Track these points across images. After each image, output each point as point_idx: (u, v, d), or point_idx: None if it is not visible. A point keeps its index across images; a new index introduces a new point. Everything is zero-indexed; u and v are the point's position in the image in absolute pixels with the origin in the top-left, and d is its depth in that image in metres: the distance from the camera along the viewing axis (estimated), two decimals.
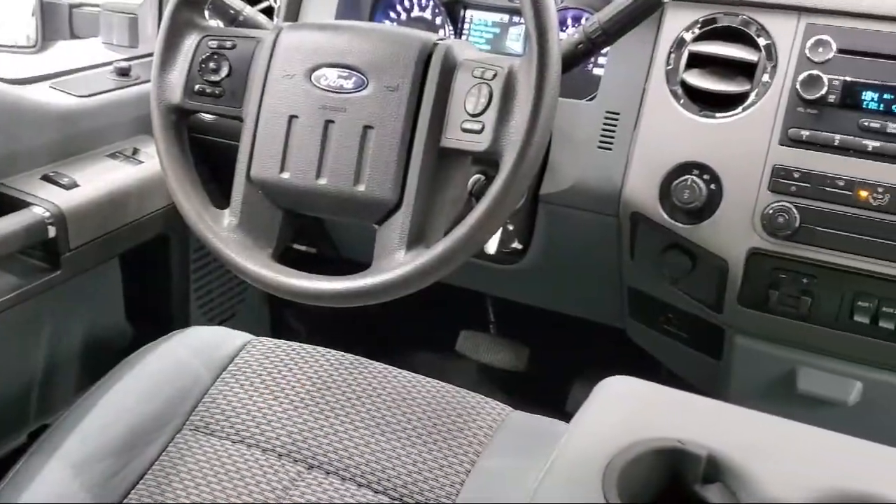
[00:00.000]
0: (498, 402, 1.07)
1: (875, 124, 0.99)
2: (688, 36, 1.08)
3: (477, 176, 1.05)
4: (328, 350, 1.10)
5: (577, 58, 0.96)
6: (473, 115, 0.86)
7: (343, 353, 1.10)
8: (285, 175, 0.92)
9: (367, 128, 0.89)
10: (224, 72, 0.96)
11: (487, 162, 0.94)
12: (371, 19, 1.33)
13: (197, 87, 0.97)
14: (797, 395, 1.14)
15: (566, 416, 0.84)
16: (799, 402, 1.16)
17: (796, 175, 1.01)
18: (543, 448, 0.84)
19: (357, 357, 1.10)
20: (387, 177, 0.88)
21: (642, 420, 0.79)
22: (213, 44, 0.96)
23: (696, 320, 1.18)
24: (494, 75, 0.86)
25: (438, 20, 1.30)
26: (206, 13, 1.02)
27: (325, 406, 1.03)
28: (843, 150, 1.00)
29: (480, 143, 0.86)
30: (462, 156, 0.91)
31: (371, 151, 0.89)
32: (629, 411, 0.81)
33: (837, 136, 1.00)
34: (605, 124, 1.12)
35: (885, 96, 0.99)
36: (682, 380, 1.39)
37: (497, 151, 0.85)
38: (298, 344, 1.12)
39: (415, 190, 0.88)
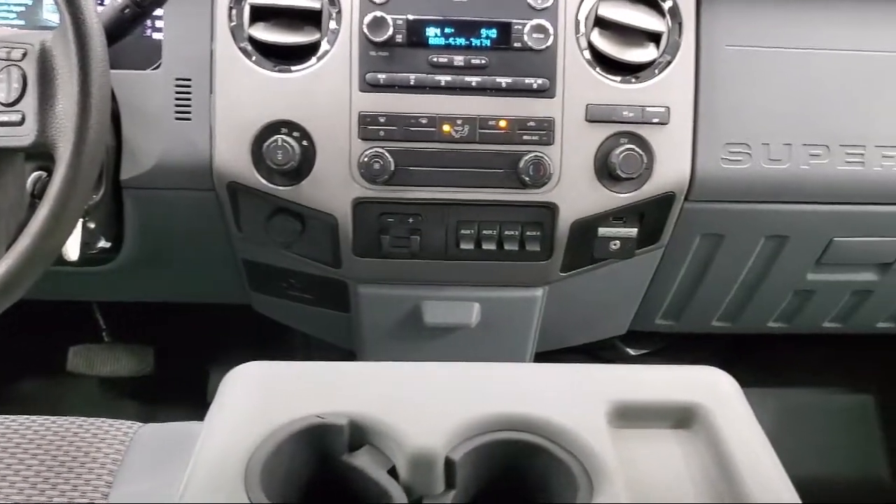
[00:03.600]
0: (123, 421, 0.96)
1: (443, 59, 1.02)
2: None
3: (37, 174, 0.90)
4: None
5: (125, 24, 0.86)
6: (8, 105, 0.73)
7: None
8: None
9: None
10: None
11: (42, 156, 0.80)
12: None
13: None
14: (427, 328, 1.17)
15: None
16: (429, 334, 1.20)
17: (382, 119, 1.02)
18: (181, 457, 0.76)
19: None
20: None
21: (278, 404, 0.74)
22: None
23: (319, 279, 1.16)
24: (24, 55, 0.73)
25: None
26: None
27: None
28: (419, 88, 1.02)
29: (24, 136, 0.73)
30: (7, 154, 0.76)
31: None
32: (263, 398, 0.75)
33: (412, 76, 1.02)
34: (177, 93, 1.03)
35: (447, 30, 1.02)
36: (322, 343, 1.37)
37: (48, 143, 0.73)
38: None
39: None
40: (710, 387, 0.79)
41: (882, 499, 1.67)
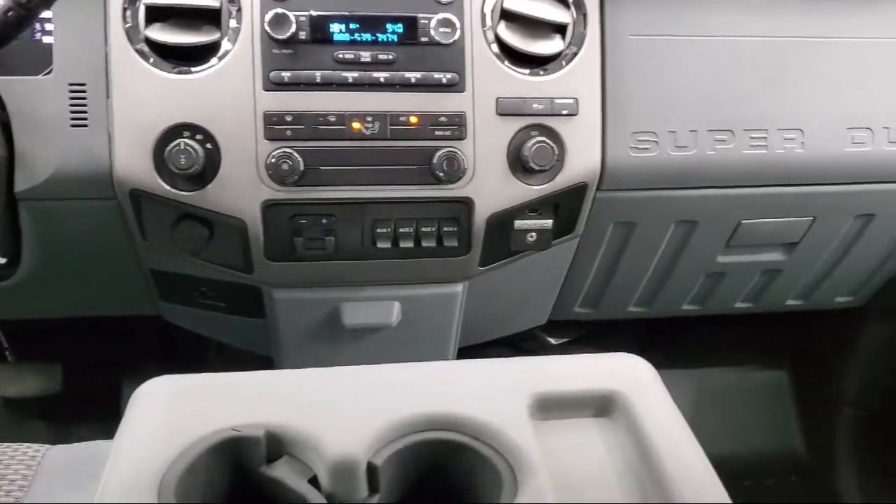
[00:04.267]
0: (31, 444, 0.91)
1: (349, 55, 1.00)
2: None
3: None
4: None
5: (9, 28, 0.81)
6: None
7: None
8: None
9: None
10: None
11: None
12: None
13: None
14: (346, 330, 1.15)
15: None
16: (350, 336, 1.18)
17: (289, 119, 0.99)
18: (91, 478, 0.73)
19: None
20: None
21: (191, 418, 0.71)
22: None
23: (231, 286, 1.13)
24: None
25: None
26: None
27: None
28: (326, 85, 1.00)
29: None
30: None
31: None
32: (174, 413, 0.73)
33: (318, 73, 1.00)
34: (72, 99, 0.98)
35: (352, 26, 1.01)
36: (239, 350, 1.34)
37: None
38: None
39: None
40: (628, 373, 0.80)
41: (799, 472, 1.73)
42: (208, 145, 0.98)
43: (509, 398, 0.75)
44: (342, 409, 0.72)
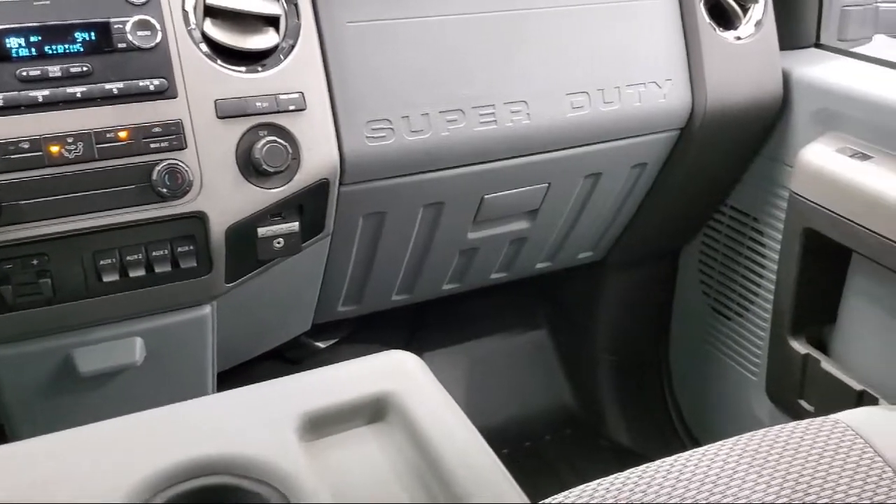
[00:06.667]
0: None
1: (35, 72, 0.88)
2: None
3: None
4: None
5: None
6: None
7: None
8: None
9: None
10: None
11: None
12: None
13: None
14: (85, 379, 1.03)
15: None
16: (91, 385, 1.06)
17: None
18: None
19: None
20: None
21: None
22: None
23: None
24: None
25: None
26: None
27: None
28: (12, 108, 0.87)
29: None
30: None
31: None
32: None
33: (0, 96, 0.87)
34: None
35: (33, 38, 0.88)
36: None
37: None
38: None
39: None
40: (395, 372, 0.77)
41: (573, 423, 1.83)
42: None
43: (275, 425, 0.70)
44: (85, 475, 0.63)
